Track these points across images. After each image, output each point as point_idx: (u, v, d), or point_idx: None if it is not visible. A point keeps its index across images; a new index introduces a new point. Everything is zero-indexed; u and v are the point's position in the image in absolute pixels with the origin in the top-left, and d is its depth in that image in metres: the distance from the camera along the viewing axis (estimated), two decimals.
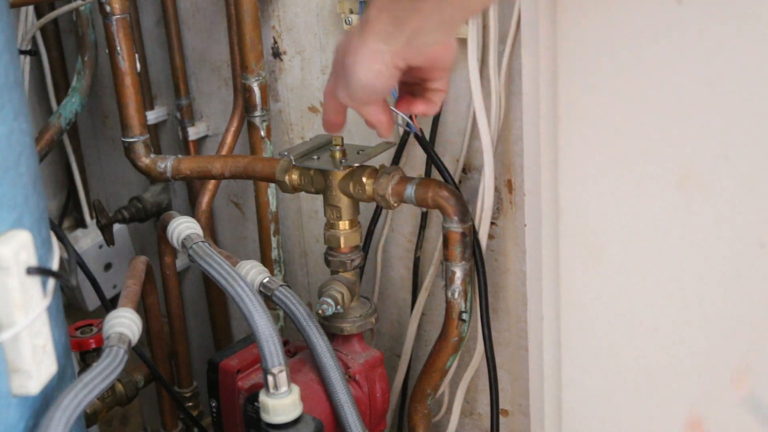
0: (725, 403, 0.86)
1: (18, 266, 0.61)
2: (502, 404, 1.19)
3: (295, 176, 1.06)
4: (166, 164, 1.18)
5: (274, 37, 1.29)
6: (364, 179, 1.01)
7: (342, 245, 1.05)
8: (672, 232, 0.84)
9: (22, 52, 1.38)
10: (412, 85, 0.82)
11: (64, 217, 1.68)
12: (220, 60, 1.39)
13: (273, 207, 1.32)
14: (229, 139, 1.33)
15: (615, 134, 0.85)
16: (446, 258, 1.03)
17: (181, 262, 1.50)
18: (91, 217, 1.63)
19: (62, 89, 1.55)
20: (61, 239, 0.78)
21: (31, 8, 1.43)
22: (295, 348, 1.06)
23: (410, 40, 0.70)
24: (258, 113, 1.26)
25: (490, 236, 1.11)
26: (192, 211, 1.44)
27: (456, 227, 1.01)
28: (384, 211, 1.22)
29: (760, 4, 0.73)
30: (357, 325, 1.06)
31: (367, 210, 1.19)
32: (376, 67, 0.72)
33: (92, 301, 1.60)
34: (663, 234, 0.85)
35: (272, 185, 1.30)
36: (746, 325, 0.82)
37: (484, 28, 1.02)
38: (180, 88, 1.43)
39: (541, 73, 0.88)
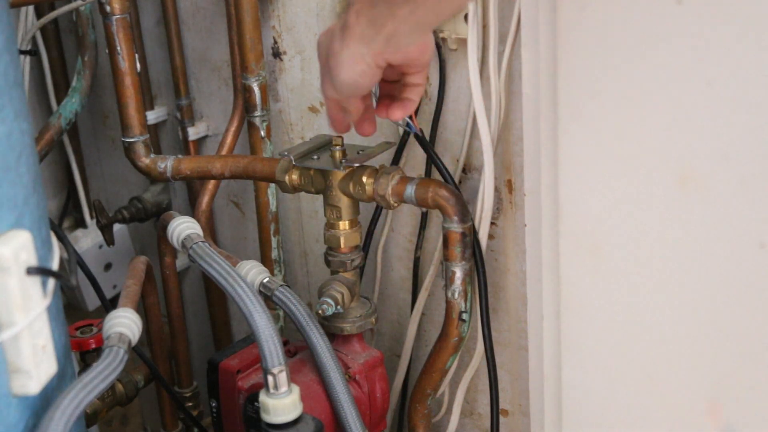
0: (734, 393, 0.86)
1: (18, 266, 0.61)
2: (502, 404, 1.19)
3: (295, 176, 1.06)
4: (166, 164, 1.18)
5: (274, 37, 1.29)
6: (364, 179, 1.01)
7: (342, 245, 1.05)
8: (672, 232, 0.84)
9: (22, 52, 1.38)
10: (391, 83, 0.86)
11: (64, 217, 1.68)
12: (220, 60, 1.39)
13: (273, 207, 1.32)
14: (229, 139, 1.33)
15: (615, 134, 0.85)
16: (446, 258, 1.03)
17: (181, 262, 1.50)
18: (91, 217, 1.63)
19: (62, 89, 1.55)
20: (61, 239, 0.78)
21: (31, 8, 1.43)
22: (295, 348, 1.06)
23: (388, 41, 0.75)
24: (258, 113, 1.26)
25: (490, 236, 1.11)
26: (192, 211, 1.44)
27: (456, 227, 1.01)
28: (384, 211, 1.22)
29: (760, 4, 0.73)
30: (357, 325, 1.06)
31: (367, 210, 1.19)
32: (359, 68, 0.77)
33: (92, 301, 1.60)
34: (663, 234, 0.85)
35: (272, 185, 1.30)
36: (746, 326, 0.82)
37: (484, 28, 1.02)
38: (180, 88, 1.43)
39: (541, 73, 0.88)
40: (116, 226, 1.55)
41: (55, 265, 0.71)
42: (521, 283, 1.11)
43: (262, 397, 0.88)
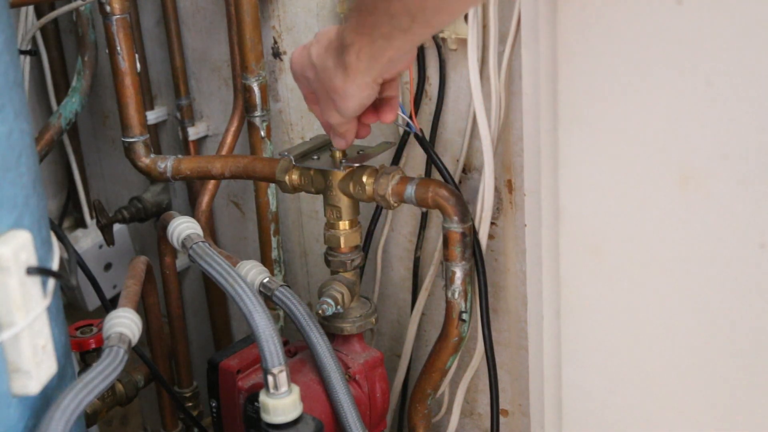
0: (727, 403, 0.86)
1: (18, 266, 0.61)
2: (502, 404, 1.19)
3: (295, 176, 1.06)
4: (166, 164, 1.18)
5: (274, 37, 1.29)
6: (364, 179, 1.01)
7: (342, 245, 1.05)
8: (672, 232, 0.84)
9: (22, 52, 1.38)
10: None
11: (64, 217, 1.68)
12: (220, 60, 1.39)
13: (273, 207, 1.32)
14: (229, 139, 1.33)
15: (615, 134, 0.85)
16: (446, 258, 1.03)
17: (181, 262, 1.50)
18: (91, 217, 1.63)
19: (62, 89, 1.55)
20: (61, 239, 0.78)
21: (31, 8, 1.43)
22: (295, 348, 1.06)
23: (387, 66, 0.81)
24: (258, 113, 1.26)
25: (490, 236, 1.11)
26: (192, 211, 1.44)
27: (456, 227, 1.01)
28: (384, 211, 1.22)
29: (760, 4, 0.73)
30: (357, 325, 1.06)
31: (367, 210, 1.19)
32: (365, 93, 0.84)
33: (92, 301, 1.60)
34: (663, 234, 0.85)
35: (272, 185, 1.30)
36: (746, 327, 0.82)
37: (484, 28, 1.02)
38: (180, 88, 1.43)
39: (541, 73, 0.88)
40: (116, 226, 1.55)
41: (55, 265, 0.71)
42: (521, 283, 1.11)
43: (262, 397, 0.88)
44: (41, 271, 0.63)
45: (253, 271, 0.99)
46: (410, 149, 1.17)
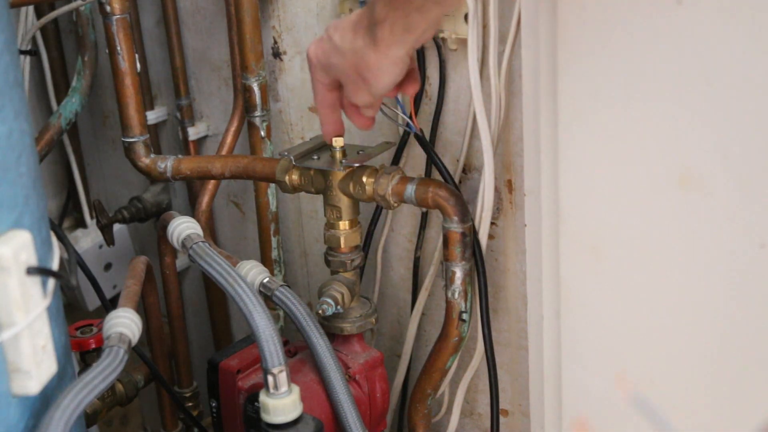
0: (738, 397, 0.86)
1: (18, 266, 0.61)
2: (502, 404, 1.19)
3: (295, 176, 1.06)
4: (166, 164, 1.18)
5: (274, 37, 1.29)
6: (364, 179, 1.01)
7: (342, 245, 1.05)
8: (672, 232, 0.84)
9: (22, 52, 1.38)
10: None
11: (64, 217, 1.68)
12: (220, 60, 1.39)
13: (273, 207, 1.32)
14: (229, 139, 1.33)
15: (615, 134, 0.85)
16: (446, 258, 1.03)
17: (181, 262, 1.50)
18: (91, 217, 1.63)
19: (62, 89, 1.55)
20: (61, 239, 0.78)
21: (31, 8, 1.43)
22: (295, 348, 1.06)
23: (419, 38, 0.81)
24: (258, 113, 1.26)
25: (490, 236, 1.11)
26: (192, 211, 1.44)
27: (456, 227, 1.01)
28: (384, 211, 1.22)
29: (759, 4, 0.73)
30: (357, 325, 1.06)
31: (367, 210, 1.19)
32: (399, 68, 0.84)
33: (92, 301, 1.60)
34: (663, 234, 0.85)
35: (272, 185, 1.30)
36: (746, 326, 0.82)
37: (484, 28, 1.02)
38: (180, 88, 1.43)
39: (541, 73, 0.88)
40: (116, 226, 1.55)
41: (55, 265, 0.71)
42: (521, 283, 1.11)
43: (262, 397, 0.89)
44: (41, 271, 0.63)
45: (253, 271, 0.99)
46: (410, 149, 1.17)
